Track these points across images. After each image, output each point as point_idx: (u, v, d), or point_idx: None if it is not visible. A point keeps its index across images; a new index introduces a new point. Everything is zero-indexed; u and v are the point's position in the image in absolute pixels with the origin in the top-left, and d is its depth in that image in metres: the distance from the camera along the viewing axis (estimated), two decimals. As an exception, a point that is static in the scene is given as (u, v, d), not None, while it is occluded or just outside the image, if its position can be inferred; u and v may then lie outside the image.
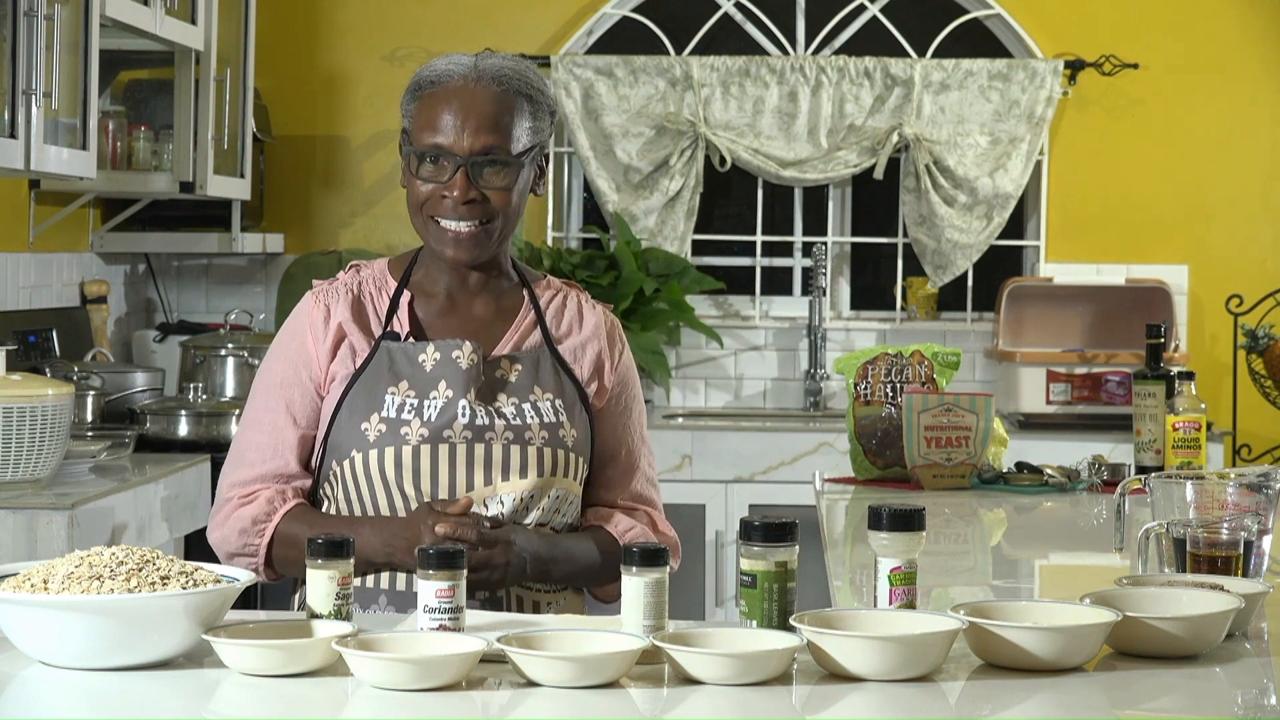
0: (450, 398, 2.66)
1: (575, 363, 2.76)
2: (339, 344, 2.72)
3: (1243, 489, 2.67)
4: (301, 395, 2.72)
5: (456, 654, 2.04)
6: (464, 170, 2.66)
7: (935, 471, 3.96)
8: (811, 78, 6.15)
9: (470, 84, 2.68)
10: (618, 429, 2.80)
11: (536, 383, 2.72)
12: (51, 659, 2.11)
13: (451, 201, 2.66)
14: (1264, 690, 2.14)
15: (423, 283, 2.78)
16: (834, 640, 2.08)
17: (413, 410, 2.66)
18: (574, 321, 2.79)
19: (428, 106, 2.69)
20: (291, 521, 2.69)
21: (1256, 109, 6.23)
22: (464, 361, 2.68)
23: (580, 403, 2.74)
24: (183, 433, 4.70)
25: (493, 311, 2.77)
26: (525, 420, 2.68)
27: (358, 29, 6.29)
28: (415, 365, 2.69)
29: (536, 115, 2.71)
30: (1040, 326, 6.13)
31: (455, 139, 2.66)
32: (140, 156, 5.28)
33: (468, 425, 2.66)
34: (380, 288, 2.77)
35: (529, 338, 2.76)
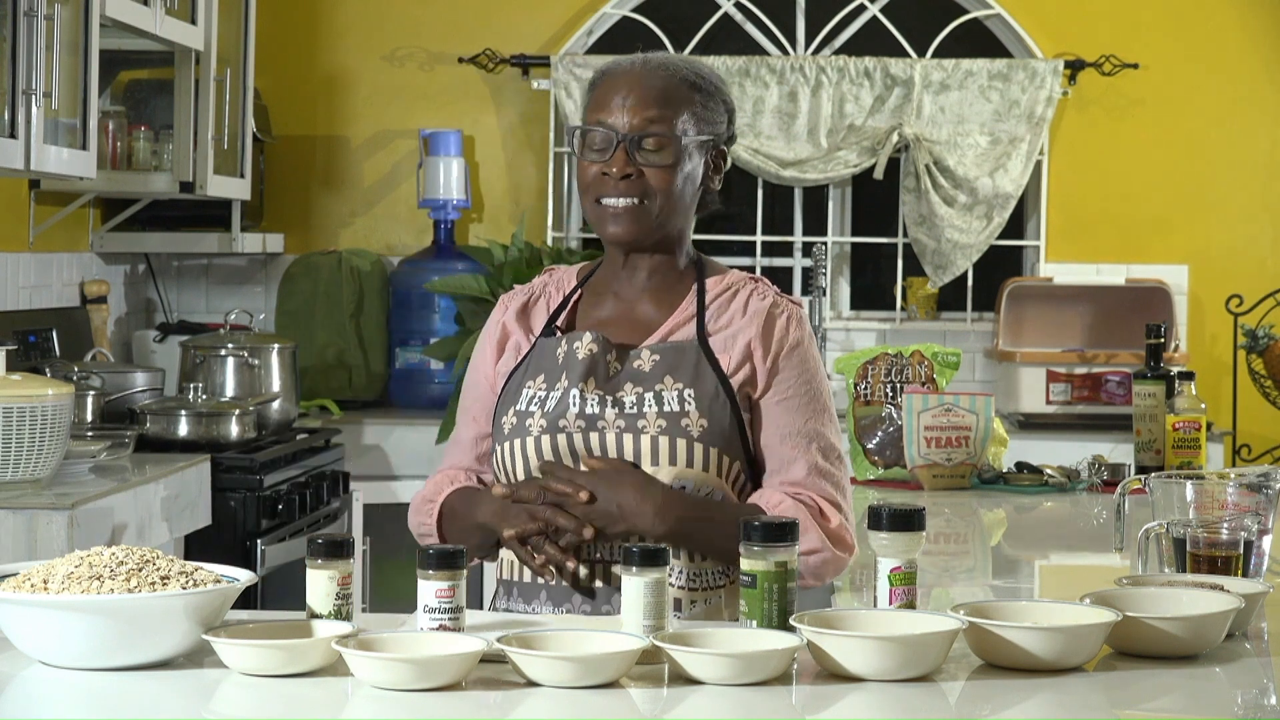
0: (565, 388, 2.68)
1: (723, 353, 2.70)
2: (505, 343, 2.80)
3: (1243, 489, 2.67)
4: (479, 395, 2.81)
5: (456, 654, 2.04)
6: (623, 146, 2.68)
7: (935, 471, 3.96)
8: (811, 78, 6.16)
9: (638, 68, 2.72)
10: (775, 422, 2.69)
11: (669, 373, 2.67)
12: (51, 659, 2.11)
13: (612, 179, 2.68)
14: (1264, 690, 2.14)
15: (598, 283, 2.81)
16: (834, 640, 2.08)
17: (538, 403, 2.69)
18: (736, 313, 2.74)
19: (598, 93, 2.73)
20: (454, 497, 2.77)
21: (1256, 109, 6.23)
22: (581, 351, 2.70)
23: (724, 394, 2.67)
24: (183, 433, 4.70)
25: (655, 306, 2.77)
26: (642, 409, 2.65)
27: (358, 29, 6.29)
28: (553, 359, 2.72)
29: (707, 106, 2.73)
30: (1040, 326, 6.13)
31: (617, 116, 2.69)
32: (140, 156, 5.28)
33: (580, 414, 2.66)
34: (559, 289, 2.82)
35: (681, 330, 2.73)
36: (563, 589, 2.64)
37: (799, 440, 2.69)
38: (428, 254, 6.11)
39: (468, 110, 6.28)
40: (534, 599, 2.65)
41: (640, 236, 2.72)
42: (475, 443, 2.82)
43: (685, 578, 2.63)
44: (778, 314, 2.73)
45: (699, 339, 2.71)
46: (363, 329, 6.01)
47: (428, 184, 6.10)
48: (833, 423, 2.74)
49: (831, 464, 2.70)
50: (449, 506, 2.77)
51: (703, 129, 2.72)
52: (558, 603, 2.63)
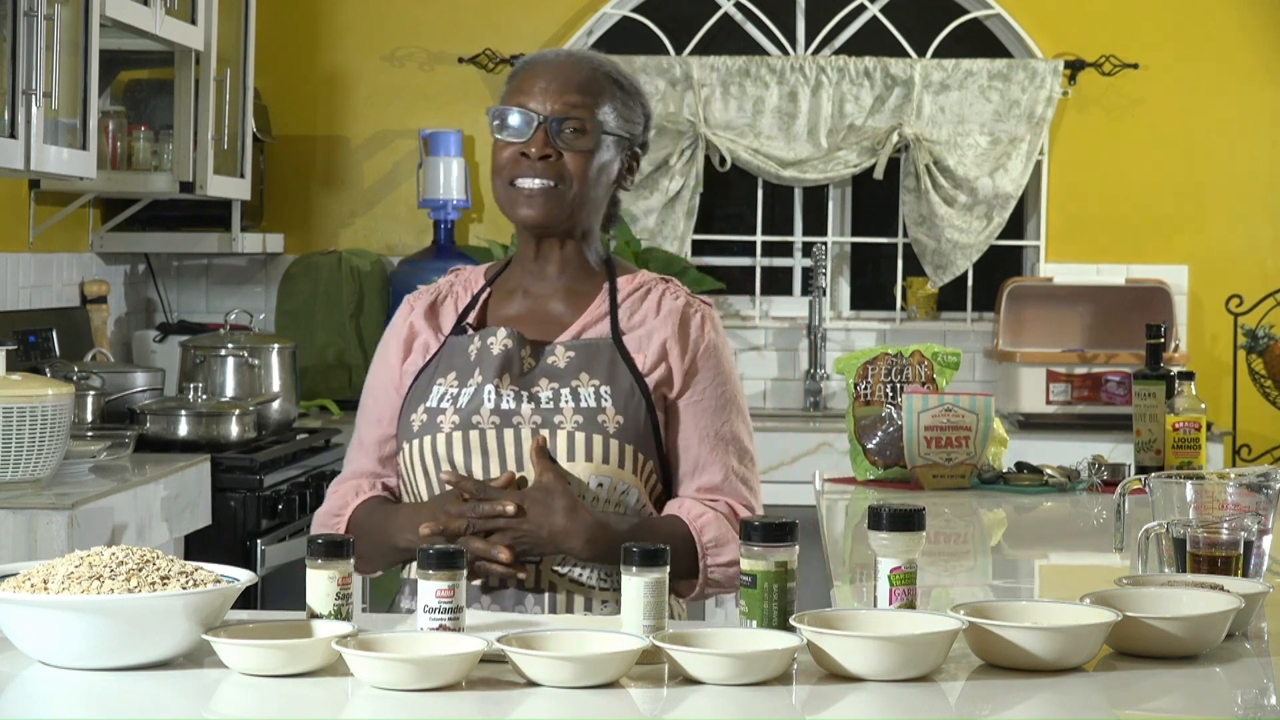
0: (479, 384, 2.68)
1: (638, 351, 2.71)
2: (412, 342, 2.78)
3: (1243, 489, 2.67)
4: (381, 394, 2.80)
5: (456, 654, 2.04)
6: (543, 128, 2.68)
7: (935, 471, 3.96)
8: (811, 78, 6.15)
9: (562, 58, 2.75)
10: (692, 423, 2.72)
11: (584, 369, 2.68)
12: (51, 659, 2.11)
13: (529, 161, 2.68)
14: (1264, 690, 2.14)
15: (507, 281, 2.81)
16: (834, 640, 2.08)
17: (450, 399, 2.69)
18: (650, 312, 2.75)
19: (517, 81, 2.74)
20: (360, 511, 2.76)
21: (1256, 109, 6.23)
22: (496, 347, 2.70)
23: (639, 392, 2.68)
24: (183, 433, 4.70)
25: (566, 303, 2.77)
26: (559, 405, 2.66)
27: (358, 29, 6.29)
28: (464, 355, 2.72)
29: (627, 105, 2.75)
30: (1040, 326, 6.13)
31: (539, 100, 2.70)
32: (140, 156, 5.28)
33: (494, 410, 2.66)
34: (468, 288, 2.82)
35: (594, 328, 2.73)
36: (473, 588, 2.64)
37: (716, 443, 2.74)
38: (428, 254, 6.11)
39: (468, 110, 6.28)
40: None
41: (553, 220, 2.71)
42: (379, 445, 2.80)
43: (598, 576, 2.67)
44: (692, 314, 2.75)
45: (613, 337, 2.72)
46: (363, 329, 6.01)
47: (428, 184, 6.10)
48: (746, 424, 2.80)
49: (745, 467, 2.78)
50: (357, 522, 2.75)
51: (621, 125, 2.74)
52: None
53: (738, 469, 2.76)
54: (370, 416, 2.81)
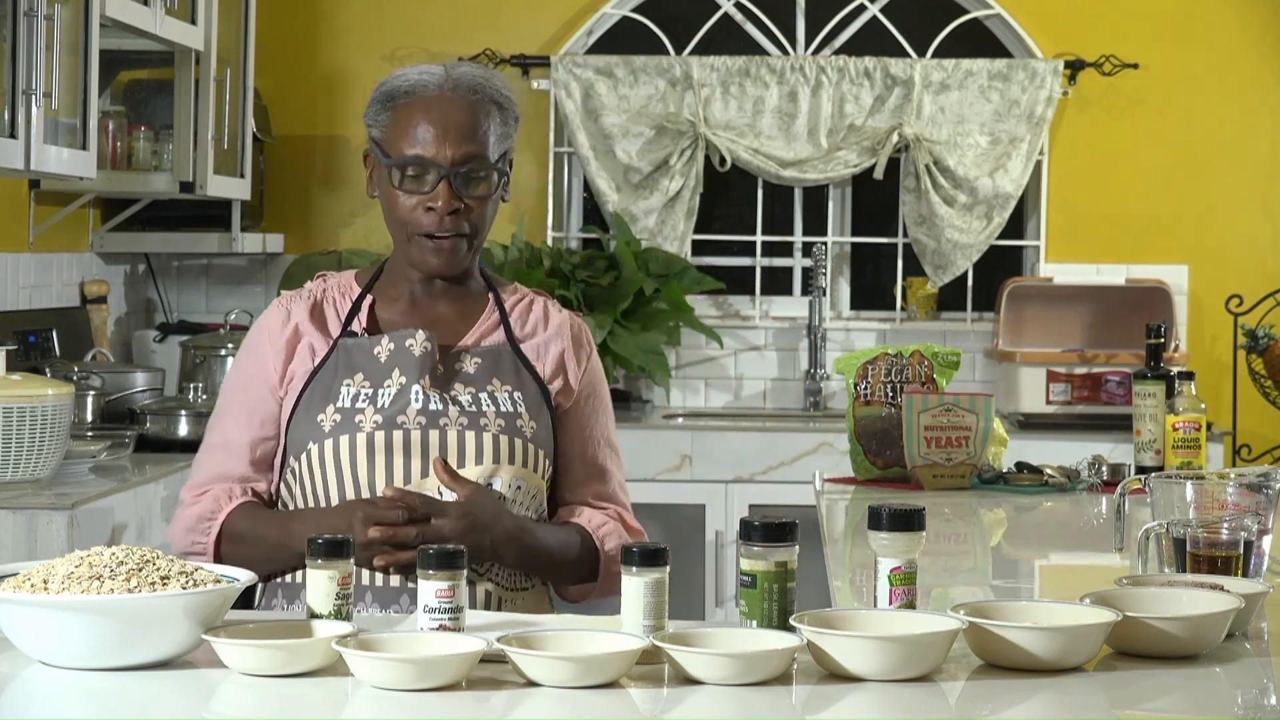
0: (404, 384, 2.69)
1: (538, 360, 2.79)
2: (296, 345, 2.75)
3: (1243, 489, 2.67)
4: (255, 397, 2.76)
5: (456, 654, 2.04)
6: (446, 181, 2.69)
7: (935, 471, 3.96)
8: (811, 78, 6.15)
9: (446, 93, 2.71)
10: (584, 431, 2.82)
11: (495, 375, 2.74)
12: (51, 659, 2.11)
13: (437, 214, 2.69)
14: (1264, 690, 2.14)
15: (386, 288, 2.82)
16: (834, 640, 2.08)
17: (367, 399, 2.69)
18: (539, 322, 2.82)
19: (404, 117, 2.71)
20: (237, 517, 2.72)
21: (1256, 109, 6.23)
22: (417, 349, 2.71)
23: (543, 400, 2.76)
24: (183, 433, 4.70)
25: (455, 310, 2.80)
26: (481, 408, 2.70)
27: (358, 29, 6.29)
28: (370, 357, 2.72)
29: (505, 122, 2.77)
30: (1040, 326, 6.13)
31: (437, 150, 2.69)
32: (140, 156, 5.28)
33: (421, 411, 2.68)
34: (344, 293, 2.82)
35: (491, 335, 2.79)
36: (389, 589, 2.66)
37: (603, 448, 2.84)
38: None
39: (468, 110, 6.27)
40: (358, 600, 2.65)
41: (458, 269, 2.76)
42: (250, 448, 2.75)
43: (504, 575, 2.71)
44: (578, 327, 2.85)
45: (511, 346, 2.77)
46: (363, 329, 6.00)
47: (428, 184, 6.09)
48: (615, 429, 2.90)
49: (621, 471, 2.89)
50: (236, 528, 2.71)
51: (504, 145, 2.77)
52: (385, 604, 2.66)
53: (619, 477, 2.87)
54: (238, 419, 2.76)
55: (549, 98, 6.21)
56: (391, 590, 2.68)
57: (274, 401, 2.75)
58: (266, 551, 2.70)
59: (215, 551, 2.73)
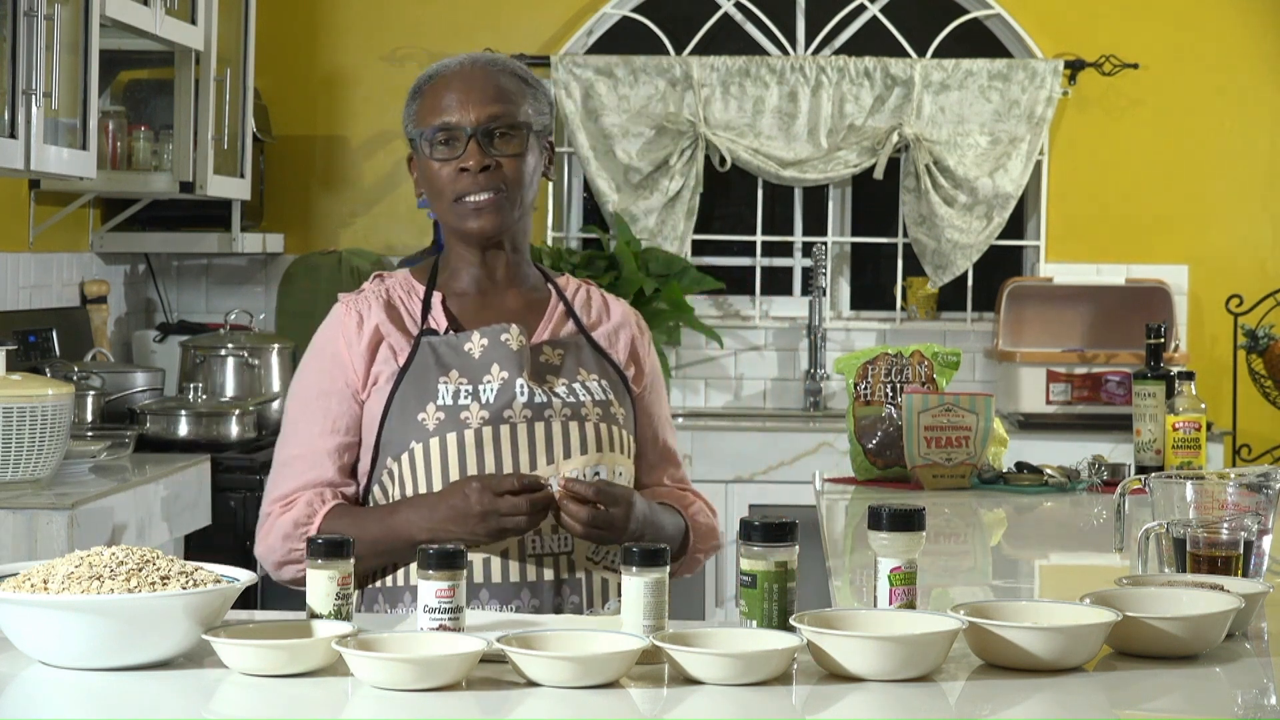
0: (506, 379, 2.70)
1: (611, 348, 2.82)
2: (377, 346, 2.74)
3: (1243, 489, 2.67)
4: (339, 403, 2.74)
5: (456, 654, 2.04)
6: (475, 140, 2.71)
7: (935, 471, 3.96)
8: (811, 78, 6.16)
9: (466, 67, 2.76)
10: (652, 414, 2.86)
11: (581, 366, 2.77)
12: (51, 659, 2.11)
13: (470, 174, 2.71)
14: (1264, 690, 2.14)
15: (450, 282, 2.82)
16: (834, 640, 2.08)
17: (469, 395, 2.69)
18: (602, 311, 2.85)
19: (429, 97, 2.75)
20: (334, 519, 2.70)
21: (1256, 109, 6.23)
22: (513, 343, 2.72)
23: (624, 386, 2.80)
24: (183, 433, 4.70)
25: (523, 303, 2.81)
26: (579, 398, 2.73)
27: (358, 29, 6.29)
28: (462, 354, 2.72)
29: (536, 99, 2.78)
30: (1040, 326, 6.14)
31: (461, 114, 2.72)
32: (140, 156, 5.28)
33: (526, 404, 2.69)
34: (409, 291, 2.81)
35: (564, 326, 2.81)
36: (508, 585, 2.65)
37: (669, 430, 2.91)
38: (428, 254, 6.11)
39: (468, 110, 6.27)
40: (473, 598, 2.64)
41: (502, 228, 2.76)
42: (336, 454, 2.73)
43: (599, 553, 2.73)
44: (636, 315, 2.90)
45: (585, 336, 2.81)
46: (363, 329, 6.00)
47: (428, 184, 6.09)
48: None
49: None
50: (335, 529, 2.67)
51: (538, 119, 2.78)
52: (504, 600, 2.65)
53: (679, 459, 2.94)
54: (320, 427, 2.73)
55: (549, 98, 6.20)
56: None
57: (356, 405, 2.73)
58: (369, 547, 2.64)
59: None
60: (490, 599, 2.66)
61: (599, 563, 2.72)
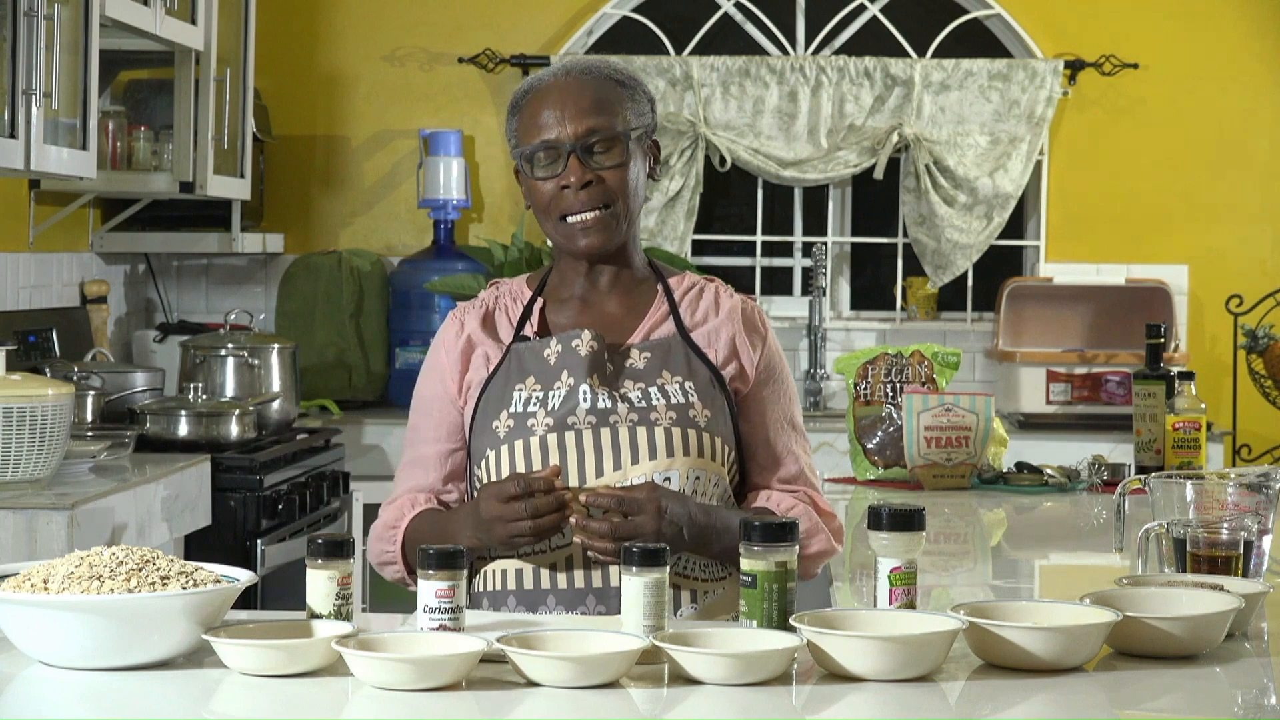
0: (572, 385, 2.69)
1: (709, 347, 2.76)
2: (470, 354, 2.76)
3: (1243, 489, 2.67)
4: (439, 410, 2.77)
5: (456, 654, 2.04)
6: (575, 155, 2.70)
7: (935, 471, 3.96)
8: (811, 78, 6.15)
9: (560, 79, 2.74)
10: (765, 415, 2.78)
11: (665, 368, 2.72)
12: (51, 659, 2.11)
13: (572, 191, 2.69)
14: (1264, 690, 2.14)
15: (557, 289, 2.81)
16: (834, 640, 2.08)
17: (538, 403, 2.69)
18: (709, 309, 2.79)
19: (528, 114, 2.74)
20: (416, 523, 2.74)
21: (1257, 109, 6.23)
22: (583, 349, 2.71)
23: (717, 386, 2.73)
24: (183, 433, 4.70)
25: (625, 307, 2.79)
26: (651, 403, 2.69)
27: (358, 29, 6.29)
28: (541, 360, 2.72)
29: (634, 99, 2.75)
30: (1040, 326, 6.13)
31: (559, 130, 2.70)
32: (140, 156, 5.28)
33: (590, 410, 2.67)
34: (516, 299, 2.82)
35: (661, 327, 2.77)
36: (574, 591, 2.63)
37: (789, 431, 2.79)
38: (428, 254, 6.11)
39: (468, 110, 6.28)
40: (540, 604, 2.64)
41: (610, 244, 2.74)
42: (438, 461, 2.78)
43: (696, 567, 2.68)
44: (750, 309, 2.82)
45: (681, 335, 2.76)
46: (363, 329, 6.01)
47: (428, 184, 6.10)
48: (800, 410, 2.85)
49: (809, 454, 2.83)
50: (415, 532, 2.74)
51: (638, 123, 2.76)
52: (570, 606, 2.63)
53: (806, 459, 2.81)
54: (424, 434, 2.79)
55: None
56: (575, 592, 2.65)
57: (456, 413, 2.76)
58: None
59: (404, 557, 2.74)
60: (557, 605, 2.64)
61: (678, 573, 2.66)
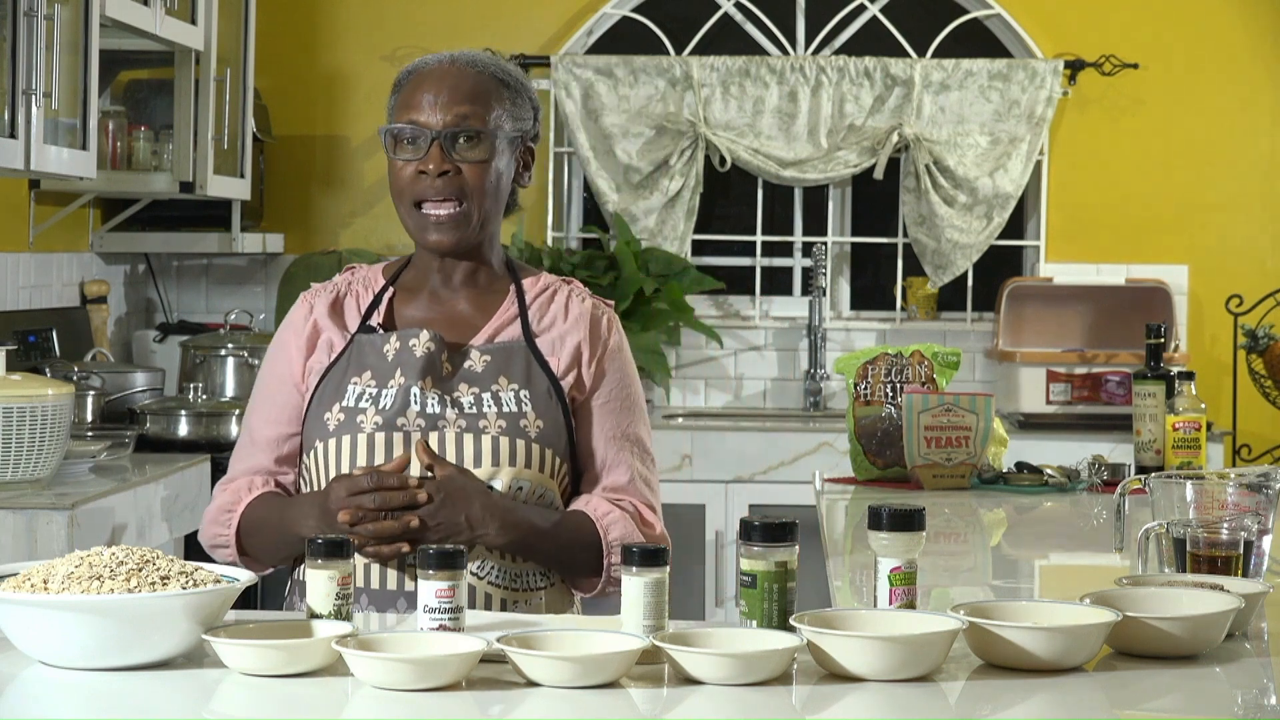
0: (403, 385, 2.66)
1: (552, 354, 2.72)
2: (315, 339, 2.74)
3: (1243, 489, 2.67)
4: (281, 392, 2.75)
5: (456, 654, 2.04)
6: (438, 143, 2.67)
7: (935, 471, 3.96)
8: (811, 78, 6.15)
9: (445, 65, 2.71)
10: (602, 425, 2.74)
11: (503, 373, 2.69)
12: (51, 659, 2.11)
13: (429, 178, 2.67)
14: (1264, 690, 2.14)
15: (409, 281, 2.79)
16: (834, 640, 2.08)
17: (370, 399, 2.67)
18: (559, 314, 2.76)
19: (405, 92, 2.72)
20: (254, 507, 2.72)
21: (1256, 109, 6.23)
22: (419, 349, 2.68)
23: (555, 396, 2.70)
24: (183, 433, 4.70)
25: (475, 306, 2.76)
26: (481, 409, 2.66)
27: (358, 29, 6.29)
28: (379, 355, 2.70)
29: (515, 103, 2.73)
30: (1040, 326, 6.13)
31: (429, 114, 2.67)
32: (140, 156, 5.28)
33: (420, 413, 2.65)
34: (368, 287, 2.79)
35: (506, 331, 2.73)
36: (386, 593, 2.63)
37: (622, 443, 2.75)
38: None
39: (468, 110, 6.28)
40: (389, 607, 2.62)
41: (463, 242, 2.72)
42: (276, 444, 2.74)
43: (506, 578, 2.66)
44: (600, 316, 2.78)
45: (526, 340, 2.72)
46: (363, 329, 6.00)
47: (428, 184, 6.09)
48: (646, 424, 2.81)
49: (648, 468, 2.78)
50: (250, 517, 2.71)
51: (514, 125, 2.73)
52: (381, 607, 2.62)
53: (641, 470, 2.76)
54: (265, 415, 2.76)
55: (549, 98, 6.21)
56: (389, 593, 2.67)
57: (299, 396, 2.73)
58: (274, 538, 2.70)
59: (237, 542, 2.74)
60: (369, 604, 2.63)
61: (483, 578, 2.65)
